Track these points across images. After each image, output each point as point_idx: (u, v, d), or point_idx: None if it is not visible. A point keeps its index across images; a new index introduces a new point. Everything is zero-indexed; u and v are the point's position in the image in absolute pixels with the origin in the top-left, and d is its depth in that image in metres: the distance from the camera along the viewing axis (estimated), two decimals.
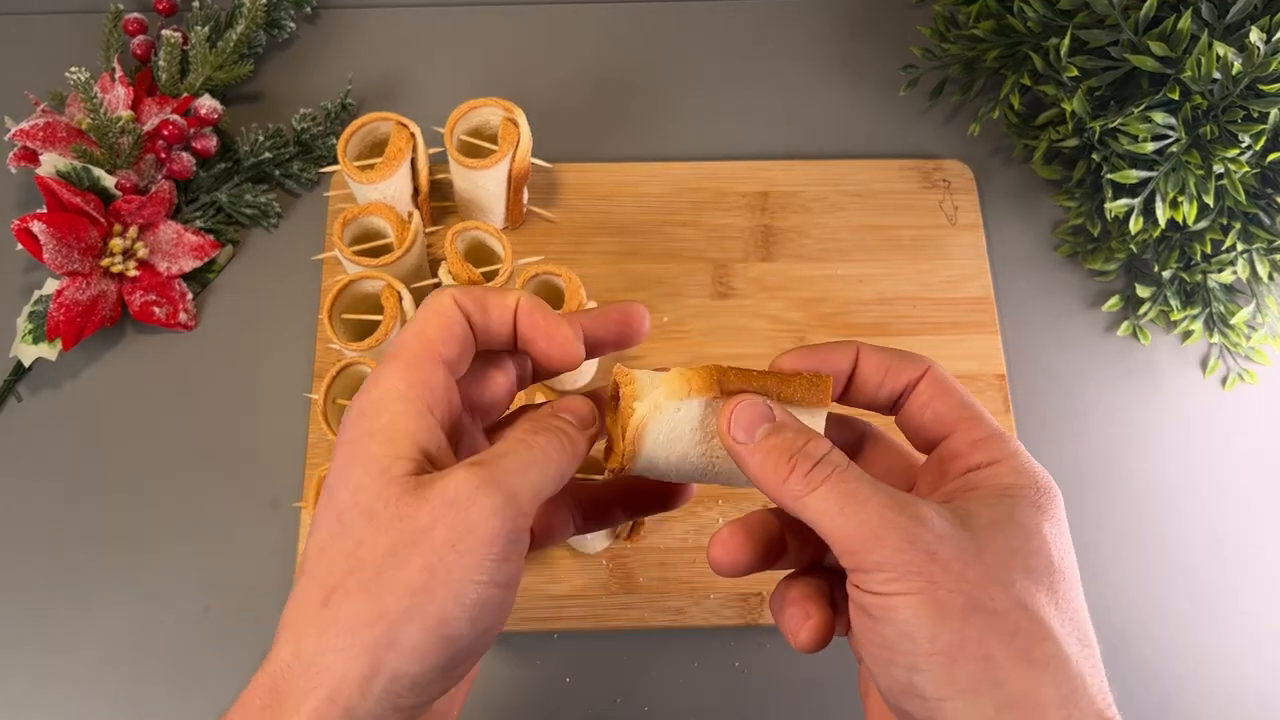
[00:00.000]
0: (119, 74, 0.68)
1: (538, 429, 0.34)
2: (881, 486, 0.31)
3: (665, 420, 0.34)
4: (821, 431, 0.35)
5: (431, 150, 0.64)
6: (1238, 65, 0.55)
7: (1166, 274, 0.67)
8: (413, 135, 0.63)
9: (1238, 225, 0.62)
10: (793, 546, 0.37)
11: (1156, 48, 0.58)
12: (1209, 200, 0.59)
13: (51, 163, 0.63)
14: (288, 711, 0.30)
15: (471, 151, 0.63)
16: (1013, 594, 0.30)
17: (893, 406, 0.37)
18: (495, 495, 0.30)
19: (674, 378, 0.34)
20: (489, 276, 0.58)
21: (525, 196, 0.67)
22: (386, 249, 0.60)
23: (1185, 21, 0.57)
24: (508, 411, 0.39)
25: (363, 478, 0.31)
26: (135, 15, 0.72)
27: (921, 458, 0.37)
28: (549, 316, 0.35)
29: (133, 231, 0.66)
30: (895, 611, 0.30)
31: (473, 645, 0.31)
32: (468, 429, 0.36)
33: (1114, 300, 0.69)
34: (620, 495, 0.40)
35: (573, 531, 0.39)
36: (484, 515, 0.30)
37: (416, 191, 0.65)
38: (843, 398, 0.37)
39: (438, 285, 0.61)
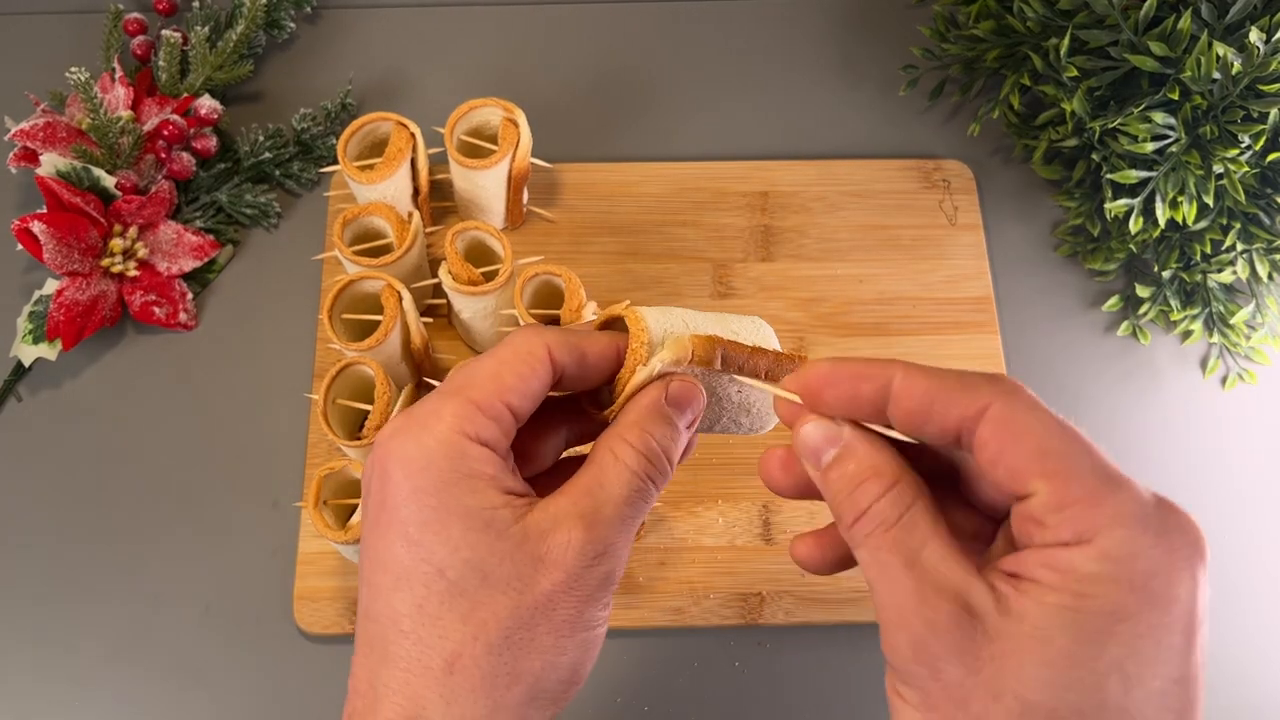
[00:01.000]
0: (119, 74, 0.68)
1: (650, 451, 0.32)
2: (926, 559, 0.27)
3: (645, 382, 0.34)
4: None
5: (431, 150, 0.64)
6: (1237, 65, 0.55)
7: (1166, 274, 0.67)
8: (413, 135, 0.63)
9: (1237, 225, 0.62)
10: None
11: (1156, 48, 0.58)
12: (1209, 200, 0.59)
13: (51, 163, 0.63)
14: None
15: (471, 151, 0.63)
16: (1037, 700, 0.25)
17: (958, 443, 0.30)
18: (607, 560, 0.31)
19: (677, 344, 0.34)
20: (489, 276, 0.58)
21: (525, 196, 0.67)
22: (386, 249, 0.60)
23: (1185, 21, 0.57)
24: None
25: (466, 533, 0.30)
26: (135, 15, 0.72)
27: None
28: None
29: (133, 231, 0.66)
30: (896, 714, 0.28)
31: (584, 678, 0.33)
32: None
33: (1114, 300, 0.69)
34: None
35: (559, 453, 0.38)
36: (599, 580, 0.31)
37: (416, 191, 0.65)
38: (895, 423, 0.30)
39: (438, 285, 0.61)
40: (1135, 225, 0.62)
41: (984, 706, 0.25)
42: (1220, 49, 0.55)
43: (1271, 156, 0.58)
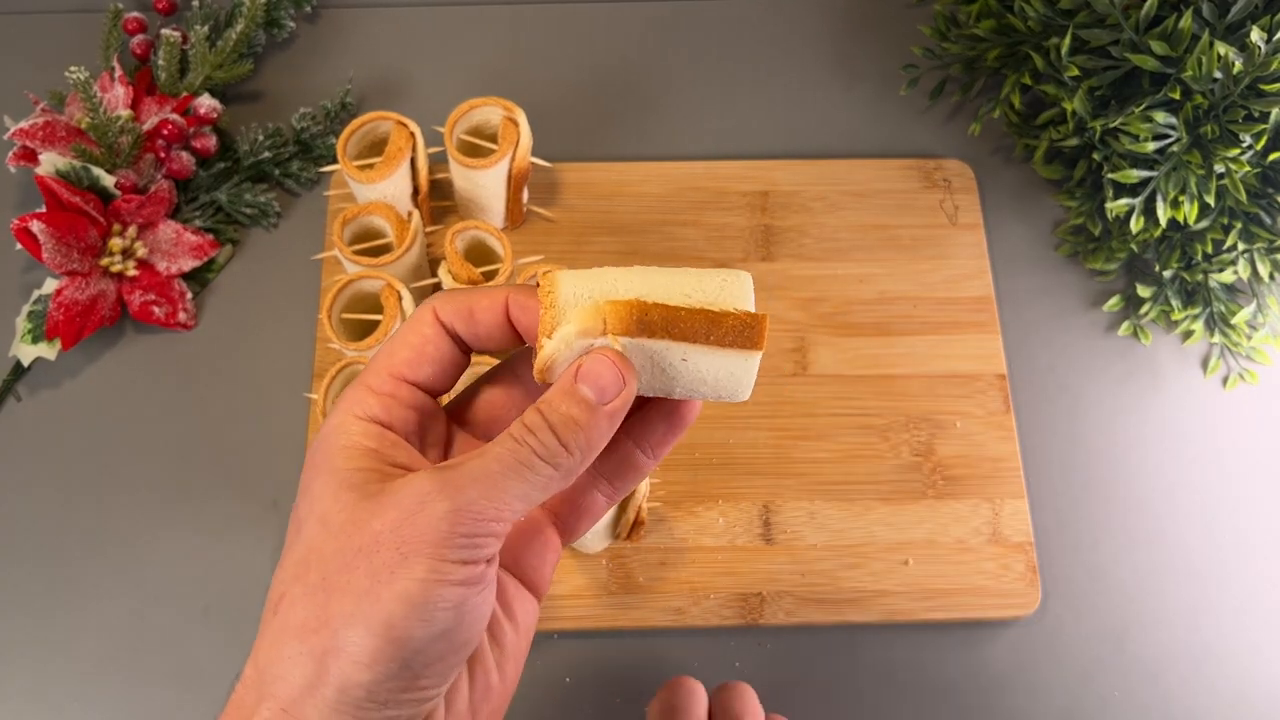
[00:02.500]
0: (118, 73, 0.68)
1: (521, 436, 0.31)
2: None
3: (575, 355, 0.32)
4: (753, 377, 0.33)
5: (431, 150, 0.64)
6: (1238, 65, 0.55)
7: (1167, 274, 0.67)
8: (412, 134, 0.62)
9: (1239, 225, 0.62)
10: None
11: (1157, 47, 0.58)
12: (1210, 200, 0.59)
13: (51, 162, 0.63)
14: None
15: (471, 151, 0.63)
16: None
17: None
18: (448, 500, 0.29)
19: (588, 313, 0.31)
20: (489, 276, 0.58)
21: (525, 196, 0.67)
22: (386, 248, 0.60)
23: (1186, 21, 0.56)
24: None
25: (323, 490, 0.31)
26: (135, 14, 0.72)
27: None
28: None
29: (132, 231, 0.66)
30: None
31: (431, 648, 0.29)
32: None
33: (1115, 300, 0.69)
34: (631, 434, 0.36)
35: (606, 503, 0.37)
36: (433, 519, 0.29)
37: (416, 191, 0.65)
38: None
39: (437, 285, 0.61)
40: (1136, 225, 0.62)
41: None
42: (1221, 48, 0.55)
43: (1272, 156, 0.58)
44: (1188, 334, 0.67)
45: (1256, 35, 0.54)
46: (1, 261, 0.68)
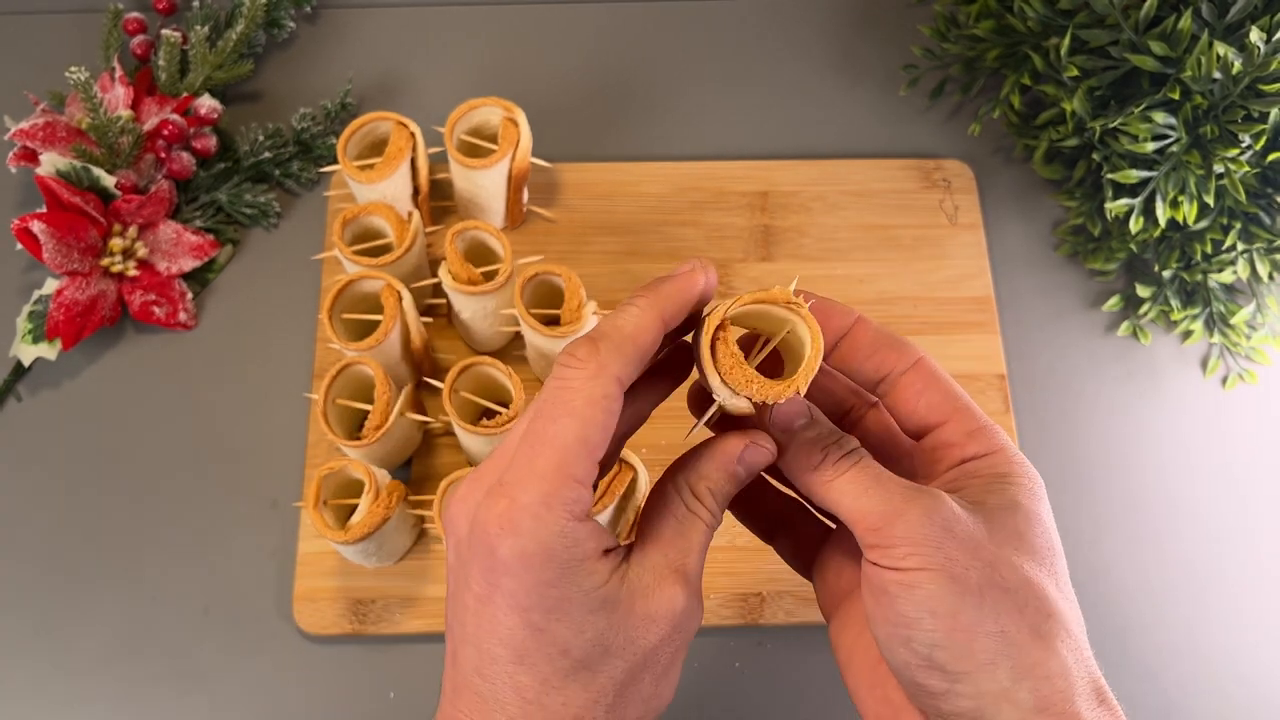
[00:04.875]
0: (119, 73, 0.68)
1: (721, 503, 0.35)
2: (886, 478, 0.33)
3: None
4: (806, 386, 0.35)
5: (431, 150, 0.64)
6: (1238, 65, 0.55)
7: (1167, 274, 0.67)
8: (412, 135, 0.62)
9: (1238, 225, 0.62)
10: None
11: (1157, 47, 0.58)
12: (1209, 200, 0.59)
13: (51, 162, 0.63)
14: None
15: (471, 151, 0.63)
16: (1021, 573, 0.32)
17: (875, 387, 0.38)
18: (701, 604, 0.35)
19: (804, 374, 0.34)
20: (489, 276, 0.58)
21: (525, 196, 0.67)
22: (386, 249, 0.60)
23: (1185, 21, 0.57)
24: None
25: (586, 615, 0.32)
26: (135, 15, 0.72)
27: (908, 443, 0.39)
28: (679, 286, 0.35)
29: (132, 231, 0.66)
30: (917, 588, 0.31)
31: None
32: None
33: (1114, 300, 0.69)
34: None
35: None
36: (696, 625, 0.35)
37: (416, 191, 0.65)
38: (831, 358, 0.38)
39: (437, 285, 0.61)
40: (1136, 225, 0.62)
41: (993, 552, 0.32)
42: (1221, 49, 0.55)
43: (1272, 156, 0.58)
44: (1187, 334, 0.67)
45: (1256, 35, 0.54)
46: (2, 262, 0.68)
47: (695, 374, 0.36)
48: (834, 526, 0.40)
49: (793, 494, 0.39)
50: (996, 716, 0.31)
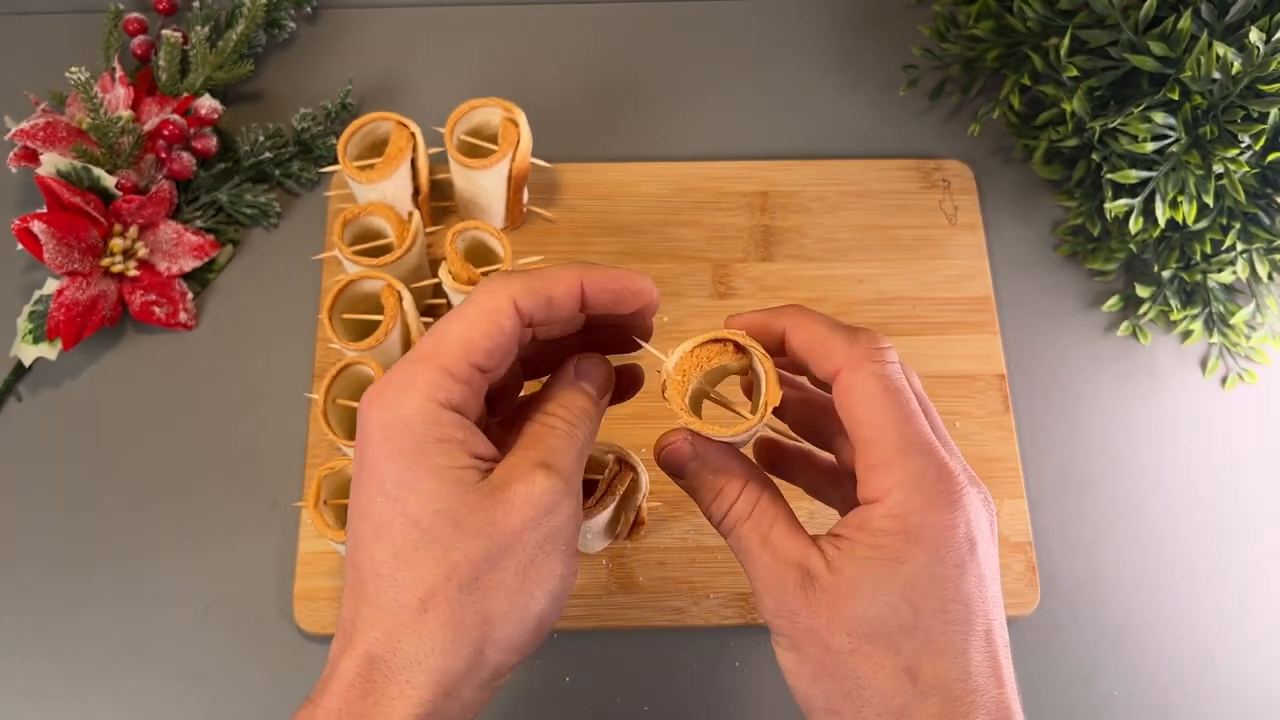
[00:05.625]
0: (119, 74, 0.68)
1: (575, 414, 0.36)
2: (774, 540, 0.35)
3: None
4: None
5: (431, 150, 0.64)
6: (1237, 65, 0.55)
7: (1166, 274, 0.67)
8: (413, 135, 0.63)
9: (1237, 225, 0.62)
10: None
11: (1156, 48, 0.58)
12: (1209, 200, 0.59)
13: (52, 162, 0.63)
14: (391, 700, 0.32)
15: (471, 151, 0.63)
16: (852, 656, 0.33)
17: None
18: (572, 498, 0.34)
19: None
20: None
21: (525, 196, 0.67)
22: (386, 249, 0.60)
23: (1185, 21, 0.57)
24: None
25: (438, 487, 0.32)
26: (135, 15, 0.72)
27: None
28: (615, 275, 0.36)
29: (133, 231, 0.66)
30: (778, 658, 0.35)
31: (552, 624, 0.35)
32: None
33: (1114, 300, 0.69)
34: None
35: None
36: (565, 518, 0.34)
37: (417, 191, 0.65)
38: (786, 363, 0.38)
39: (438, 285, 0.61)
40: (1135, 225, 0.62)
41: (828, 639, 0.33)
42: (1220, 49, 0.55)
43: (1272, 156, 0.58)
44: (1187, 334, 0.68)
45: (1255, 36, 0.54)
46: (2, 262, 0.68)
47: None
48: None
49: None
50: None
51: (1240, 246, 0.63)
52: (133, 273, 0.65)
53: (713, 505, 0.37)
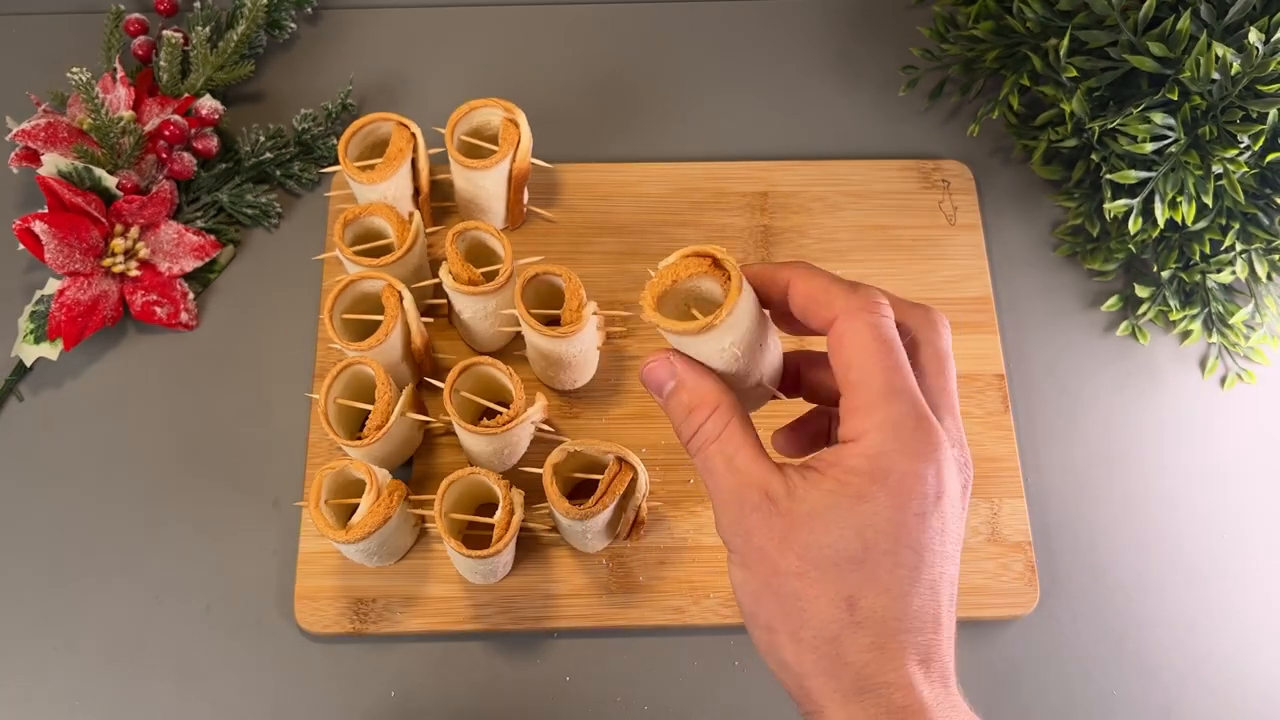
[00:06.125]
0: (120, 74, 0.68)
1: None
2: (739, 462, 0.36)
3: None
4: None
5: (432, 150, 0.64)
6: (1236, 66, 0.55)
7: (1165, 274, 0.67)
8: (413, 135, 0.63)
9: (1236, 225, 0.62)
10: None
11: (1155, 48, 0.58)
12: (1208, 200, 0.59)
13: (53, 163, 0.64)
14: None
15: (472, 152, 0.63)
16: (798, 580, 0.35)
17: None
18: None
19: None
20: (489, 276, 0.58)
21: (525, 197, 0.68)
22: (387, 249, 0.60)
23: (1184, 22, 0.57)
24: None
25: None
26: (136, 16, 0.72)
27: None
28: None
29: (134, 231, 0.66)
30: (729, 572, 0.37)
31: None
32: None
33: (1113, 300, 0.69)
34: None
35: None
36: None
37: (417, 192, 0.65)
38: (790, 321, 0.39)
39: (438, 285, 0.61)
40: (1134, 225, 0.62)
41: (777, 560, 0.35)
42: (1219, 49, 0.55)
43: (1270, 157, 0.58)
44: (1186, 334, 0.68)
45: (1254, 36, 0.54)
46: (4, 262, 0.68)
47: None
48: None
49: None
50: (783, 685, 0.36)
51: (1239, 247, 0.63)
52: (134, 273, 0.65)
53: (683, 425, 0.38)
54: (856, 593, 0.34)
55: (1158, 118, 0.58)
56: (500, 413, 0.56)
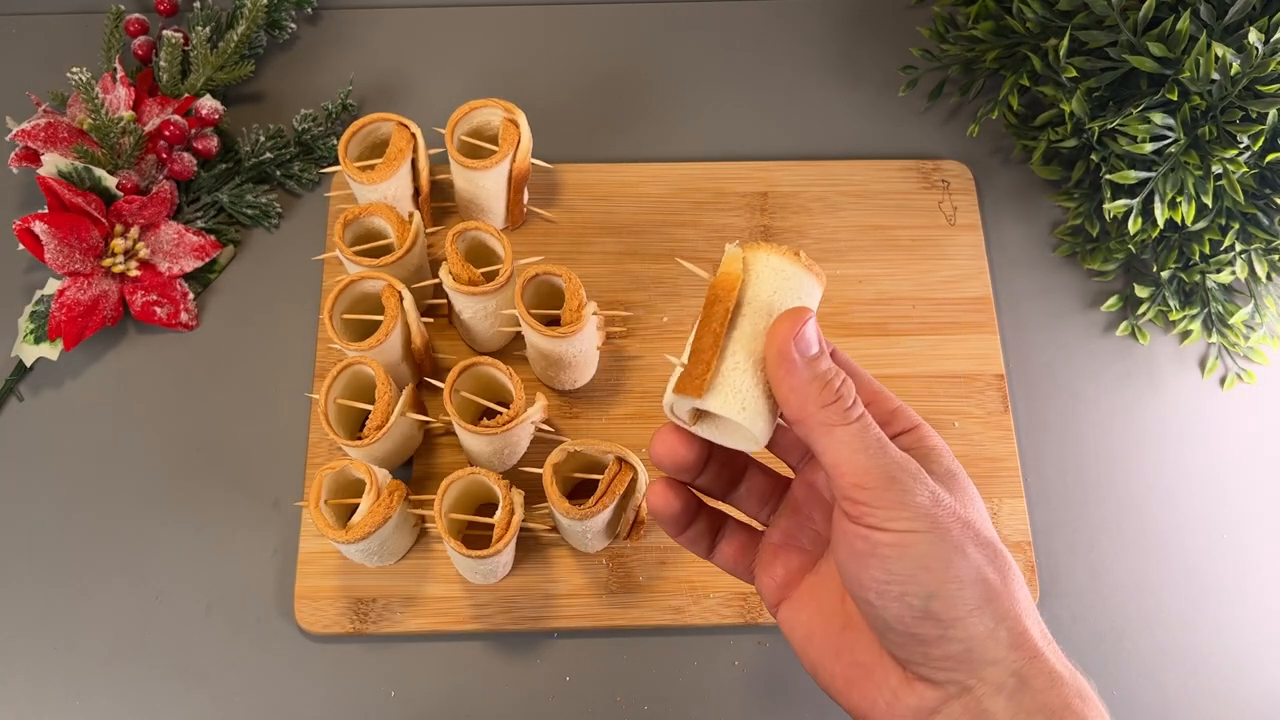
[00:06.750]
0: (120, 74, 0.68)
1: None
2: (885, 441, 0.36)
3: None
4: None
5: (432, 151, 0.64)
6: (1236, 66, 0.55)
7: (1165, 274, 0.67)
8: (413, 136, 0.63)
9: (1236, 225, 0.62)
10: (711, 473, 0.42)
11: (1155, 48, 0.58)
12: (1207, 201, 0.59)
13: (53, 163, 0.64)
14: None
15: (472, 152, 0.63)
16: (987, 530, 0.36)
17: None
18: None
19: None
20: (489, 277, 0.58)
21: (525, 197, 0.68)
22: (387, 249, 0.60)
23: (1184, 22, 0.57)
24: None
25: None
26: (136, 16, 0.73)
27: None
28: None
29: (134, 232, 0.66)
30: (911, 548, 0.35)
31: None
32: None
33: (1113, 300, 0.69)
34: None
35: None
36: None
37: (417, 192, 0.65)
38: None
39: (438, 285, 0.61)
40: (1134, 225, 0.62)
41: (967, 513, 0.36)
42: (1219, 50, 0.55)
43: (1270, 157, 0.58)
44: (1185, 334, 0.68)
45: (1254, 36, 0.54)
46: (4, 262, 0.68)
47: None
48: (762, 529, 0.43)
49: (721, 507, 0.43)
50: (983, 654, 0.35)
51: (1239, 247, 0.63)
52: (134, 273, 0.65)
53: (843, 388, 0.36)
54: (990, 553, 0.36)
55: (1157, 118, 0.58)
56: (500, 413, 0.56)
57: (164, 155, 0.67)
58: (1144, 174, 0.60)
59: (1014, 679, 0.35)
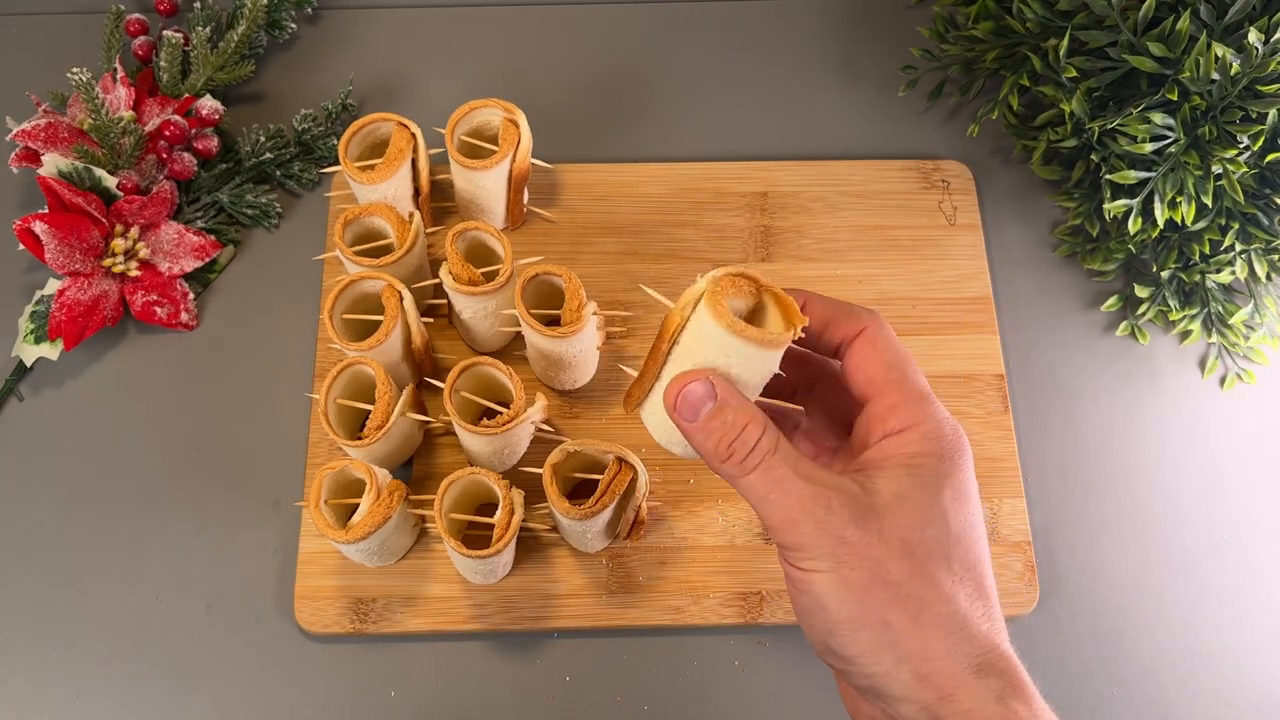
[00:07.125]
0: (120, 74, 0.68)
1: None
2: (804, 471, 0.37)
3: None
4: (778, 363, 0.38)
5: (432, 151, 0.64)
6: (1236, 66, 0.55)
7: (1165, 274, 0.67)
8: (413, 136, 0.63)
9: (1236, 225, 0.62)
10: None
11: (1155, 48, 0.58)
12: (1207, 201, 0.59)
13: (53, 163, 0.64)
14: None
15: (472, 152, 0.63)
16: (908, 565, 0.36)
17: (835, 353, 0.42)
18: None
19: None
20: (489, 277, 0.58)
21: (525, 197, 0.68)
22: (387, 249, 0.60)
23: (1184, 22, 0.57)
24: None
25: None
26: (136, 16, 0.73)
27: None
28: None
29: (134, 232, 0.66)
30: (811, 585, 0.36)
31: None
32: None
33: (1113, 300, 0.69)
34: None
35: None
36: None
37: (417, 192, 0.65)
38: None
39: (439, 285, 0.61)
40: (1134, 225, 0.62)
41: (883, 551, 0.35)
42: (1219, 50, 0.55)
43: (1270, 157, 0.58)
44: (1185, 334, 0.68)
45: (1254, 36, 0.54)
46: (4, 262, 0.68)
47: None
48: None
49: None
50: (889, 691, 0.36)
51: (1239, 247, 0.63)
52: (134, 273, 0.65)
53: (734, 443, 0.37)
54: (967, 561, 0.36)
55: (1157, 118, 0.58)
56: (500, 413, 0.56)
57: (164, 155, 0.67)
58: (1144, 174, 0.60)
59: (926, 715, 0.35)
